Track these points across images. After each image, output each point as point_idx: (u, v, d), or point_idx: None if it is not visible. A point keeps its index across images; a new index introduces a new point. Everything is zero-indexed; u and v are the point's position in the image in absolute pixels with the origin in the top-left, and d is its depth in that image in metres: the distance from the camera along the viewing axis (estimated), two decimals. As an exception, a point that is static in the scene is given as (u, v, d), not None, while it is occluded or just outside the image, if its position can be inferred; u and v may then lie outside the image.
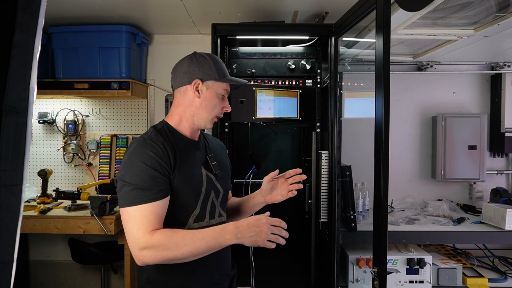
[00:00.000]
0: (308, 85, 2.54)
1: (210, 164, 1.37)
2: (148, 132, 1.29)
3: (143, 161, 1.18)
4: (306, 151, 2.73)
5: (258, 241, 1.15)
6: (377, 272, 1.35)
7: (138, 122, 3.16)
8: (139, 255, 1.14)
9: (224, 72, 1.35)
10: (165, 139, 1.26)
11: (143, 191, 1.16)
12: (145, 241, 1.13)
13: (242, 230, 1.15)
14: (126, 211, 1.17)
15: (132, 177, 1.17)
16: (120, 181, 1.19)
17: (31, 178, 3.03)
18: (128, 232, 1.17)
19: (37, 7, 0.56)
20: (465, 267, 2.42)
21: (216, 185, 1.37)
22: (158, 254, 1.13)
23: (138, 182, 1.16)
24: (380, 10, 1.40)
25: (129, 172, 1.18)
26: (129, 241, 1.16)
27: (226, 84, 1.35)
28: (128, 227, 1.16)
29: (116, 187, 1.23)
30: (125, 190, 1.17)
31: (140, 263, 1.16)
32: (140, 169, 1.17)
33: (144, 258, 1.14)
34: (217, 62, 1.34)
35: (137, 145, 1.22)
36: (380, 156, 1.37)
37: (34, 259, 3.23)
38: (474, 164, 2.72)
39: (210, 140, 1.49)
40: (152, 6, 2.45)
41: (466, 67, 2.87)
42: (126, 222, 1.17)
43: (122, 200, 1.18)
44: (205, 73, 1.31)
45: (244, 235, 1.15)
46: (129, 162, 1.20)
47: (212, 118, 1.35)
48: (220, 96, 1.34)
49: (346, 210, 2.21)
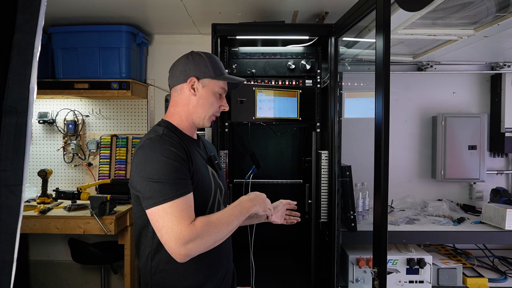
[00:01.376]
0: (308, 85, 2.54)
1: (213, 162, 1.39)
2: (158, 130, 1.27)
3: (166, 156, 1.16)
4: (306, 151, 2.73)
5: (265, 207, 1.34)
6: (377, 272, 1.35)
7: (138, 122, 3.16)
8: (184, 249, 1.10)
9: (221, 70, 1.35)
10: (177, 136, 1.27)
11: (175, 185, 1.14)
12: (190, 233, 1.10)
13: (254, 198, 1.32)
14: (160, 209, 1.12)
15: (159, 173, 1.14)
16: (144, 179, 1.15)
17: (31, 178, 3.03)
18: (167, 229, 1.11)
19: (37, 7, 0.56)
20: (465, 267, 2.42)
21: (219, 183, 1.39)
22: (203, 242, 1.12)
23: (167, 177, 1.14)
24: (380, 10, 1.40)
25: (153, 169, 1.15)
26: (169, 239, 1.11)
27: (222, 82, 1.34)
28: (167, 225, 1.11)
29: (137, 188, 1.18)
30: (154, 187, 1.14)
31: (185, 258, 1.12)
32: (166, 164, 1.15)
33: (190, 251, 1.11)
34: (214, 60, 1.34)
35: (154, 142, 1.20)
36: (380, 156, 1.37)
37: (34, 259, 3.23)
38: (474, 164, 2.72)
39: (204, 140, 1.50)
40: (152, 6, 2.45)
41: (466, 67, 2.87)
42: (163, 220, 1.12)
43: (154, 198, 1.13)
44: (201, 71, 1.31)
45: (257, 201, 1.31)
46: (148, 159, 1.17)
47: (209, 117, 1.34)
48: (217, 94, 1.34)
49: (346, 210, 2.21)
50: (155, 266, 1.25)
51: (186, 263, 1.17)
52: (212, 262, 1.30)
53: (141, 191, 1.17)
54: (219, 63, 1.36)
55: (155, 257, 1.24)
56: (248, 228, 1.98)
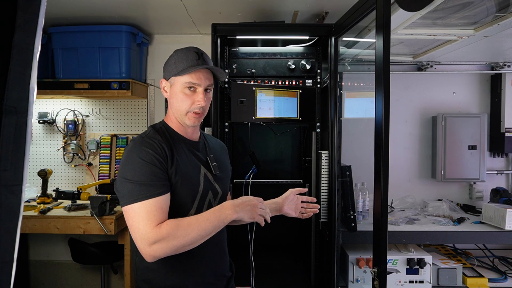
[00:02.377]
0: (308, 85, 2.54)
1: (210, 164, 1.38)
2: (146, 131, 1.31)
3: (141, 157, 1.19)
4: (306, 151, 2.73)
5: (254, 214, 1.25)
6: (377, 272, 1.35)
7: (138, 122, 3.16)
8: (149, 250, 1.13)
9: (187, 64, 1.27)
10: (163, 137, 1.27)
11: (146, 186, 1.16)
12: (154, 235, 1.13)
13: (239, 205, 1.24)
14: (130, 208, 1.16)
15: (133, 174, 1.17)
16: (121, 179, 1.19)
17: (31, 178, 3.03)
18: (134, 229, 1.15)
19: (37, 7, 0.56)
20: (465, 267, 2.42)
21: (215, 185, 1.37)
22: (168, 245, 1.14)
23: (140, 178, 1.17)
24: (380, 10, 1.40)
25: (129, 169, 1.19)
26: (136, 238, 1.15)
27: (187, 76, 1.26)
28: (134, 224, 1.15)
29: (116, 186, 1.23)
30: (127, 187, 1.17)
31: (151, 258, 1.14)
32: (140, 166, 1.18)
33: (155, 252, 1.13)
34: (179, 56, 1.29)
35: (135, 143, 1.24)
36: (380, 156, 1.37)
37: (34, 259, 3.23)
38: (474, 164, 2.72)
39: (210, 141, 1.49)
40: (152, 6, 2.45)
41: (466, 67, 2.87)
42: (132, 219, 1.16)
43: (125, 197, 1.17)
44: (168, 71, 1.32)
45: (242, 209, 1.23)
46: (127, 159, 1.21)
47: (186, 114, 1.30)
48: (186, 90, 1.28)
49: (346, 210, 2.21)
50: (138, 262, 1.29)
51: (167, 262, 1.23)
52: (197, 265, 1.30)
53: (118, 189, 1.21)
54: (185, 57, 1.29)
55: (138, 254, 1.26)
56: (248, 228, 1.98)
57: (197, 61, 1.28)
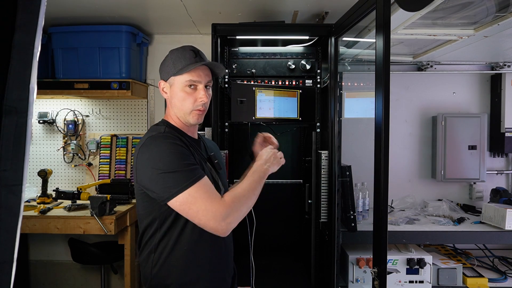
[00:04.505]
0: (308, 85, 2.54)
1: (213, 162, 1.40)
2: (159, 129, 1.29)
3: (172, 149, 1.19)
4: (306, 151, 2.73)
5: (279, 161, 1.40)
6: (377, 272, 1.35)
7: (138, 122, 3.15)
8: (225, 224, 1.15)
9: (183, 63, 1.29)
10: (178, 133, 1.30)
11: (190, 171, 1.17)
12: (225, 209, 1.15)
13: (268, 160, 1.35)
14: (187, 195, 1.14)
15: (173, 165, 1.16)
16: (159, 174, 1.16)
17: (31, 178, 3.03)
18: (202, 212, 1.14)
19: (37, 7, 0.56)
20: (465, 267, 2.42)
21: (218, 182, 1.39)
22: (238, 213, 1.18)
23: (181, 166, 1.16)
24: (380, 10, 1.41)
25: (165, 162, 1.16)
26: (208, 219, 1.14)
27: (187, 74, 1.28)
28: (201, 207, 1.14)
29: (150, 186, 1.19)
30: (171, 178, 1.15)
31: (227, 232, 1.17)
32: (175, 155, 1.18)
33: (230, 224, 1.17)
34: (176, 55, 1.30)
35: (157, 139, 1.22)
36: (380, 156, 1.37)
37: (34, 259, 3.23)
38: (474, 164, 2.72)
39: (205, 140, 1.51)
40: (152, 6, 2.45)
41: (466, 67, 2.87)
42: (194, 205, 1.14)
43: (174, 187, 1.14)
44: (166, 72, 1.33)
45: (271, 162, 1.36)
46: (157, 154, 1.18)
47: (189, 112, 1.31)
48: (187, 88, 1.29)
49: (346, 210, 2.21)
50: (156, 259, 1.27)
51: (185, 258, 1.24)
52: (212, 259, 1.31)
53: (156, 186, 1.18)
54: (182, 56, 1.29)
55: (157, 250, 1.27)
56: (248, 228, 1.98)
57: (194, 58, 1.30)
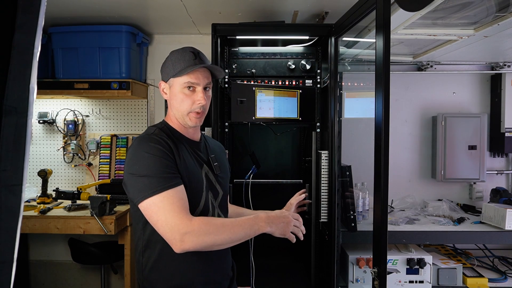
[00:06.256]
0: (308, 85, 2.54)
1: (212, 164, 1.39)
2: (150, 130, 1.31)
3: (151, 152, 1.18)
4: (306, 151, 2.73)
5: (286, 231, 1.28)
6: (377, 272, 1.35)
7: (138, 122, 3.16)
8: (180, 240, 1.12)
9: (182, 65, 1.28)
10: (167, 135, 1.28)
11: (161, 179, 1.15)
12: (186, 226, 1.12)
13: (274, 220, 1.26)
14: (151, 203, 1.14)
15: (146, 169, 1.16)
16: (131, 176, 1.18)
17: (31, 178, 3.03)
18: (162, 223, 1.13)
19: (37, 7, 0.56)
20: (465, 267, 2.42)
21: (216, 186, 1.38)
22: (199, 239, 1.13)
23: (154, 171, 1.16)
24: (380, 10, 1.40)
25: (140, 165, 1.17)
26: (166, 231, 1.13)
27: (186, 76, 1.28)
28: (162, 218, 1.13)
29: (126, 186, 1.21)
30: (142, 182, 1.15)
31: (181, 250, 1.13)
32: (151, 160, 1.17)
33: (186, 244, 1.12)
34: (176, 57, 1.30)
35: (140, 141, 1.23)
36: (380, 156, 1.37)
37: (34, 259, 3.23)
38: (474, 164, 2.72)
39: (210, 142, 1.50)
40: (152, 6, 2.45)
41: (466, 67, 2.87)
42: (156, 214, 1.14)
43: (142, 192, 1.15)
44: (166, 73, 1.33)
45: (276, 224, 1.25)
46: (136, 156, 1.20)
47: (187, 114, 1.31)
48: (185, 90, 1.29)
49: (346, 210, 2.21)
50: (145, 262, 1.28)
51: (173, 262, 1.23)
52: (206, 262, 1.30)
53: (130, 187, 1.20)
54: (181, 58, 1.29)
55: (145, 254, 1.26)
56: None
57: (194, 60, 1.29)
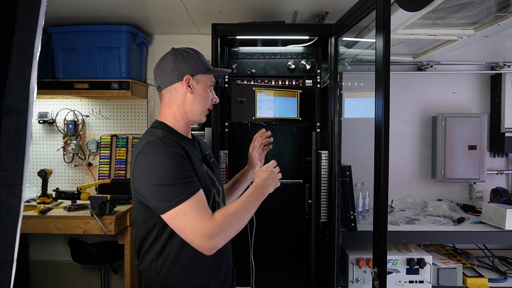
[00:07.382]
0: (308, 85, 2.54)
1: (209, 161, 1.39)
2: (157, 133, 1.25)
3: (170, 158, 1.16)
4: (306, 151, 2.73)
5: (276, 183, 1.37)
6: (377, 272, 1.35)
7: (138, 122, 3.15)
8: (211, 243, 1.13)
9: (208, 64, 1.37)
10: (175, 137, 1.26)
11: (185, 185, 1.15)
12: (213, 228, 1.13)
13: (266, 180, 1.33)
14: (178, 210, 1.13)
15: (168, 176, 1.14)
16: (155, 185, 1.14)
17: (31, 178, 3.03)
18: (190, 229, 1.13)
19: (37, 7, 0.56)
20: (465, 267, 2.42)
21: (216, 182, 1.38)
22: (227, 234, 1.17)
23: (177, 178, 1.14)
24: (380, 10, 1.40)
25: (162, 173, 1.14)
26: (195, 236, 1.13)
27: (212, 76, 1.36)
28: (189, 224, 1.13)
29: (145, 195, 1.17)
30: (165, 191, 1.13)
31: (212, 252, 1.15)
32: (172, 166, 1.15)
33: (217, 244, 1.15)
34: (200, 54, 1.35)
35: (155, 146, 1.19)
36: (380, 156, 1.37)
37: (34, 259, 3.23)
38: (474, 164, 2.72)
39: (198, 139, 1.49)
40: (152, 6, 2.45)
41: (466, 67, 2.87)
42: (184, 221, 1.13)
43: (168, 201, 1.13)
44: (193, 68, 1.30)
45: (268, 184, 1.33)
46: (155, 163, 1.16)
47: (205, 111, 1.36)
48: (210, 88, 1.36)
49: (346, 210, 2.21)
50: (159, 267, 1.25)
51: (190, 264, 1.22)
52: (215, 262, 1.30)
53: (151, 197, 1.16)
54: (202, 57, 1.36)
55: (159, 259, 1.24)
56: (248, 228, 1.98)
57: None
